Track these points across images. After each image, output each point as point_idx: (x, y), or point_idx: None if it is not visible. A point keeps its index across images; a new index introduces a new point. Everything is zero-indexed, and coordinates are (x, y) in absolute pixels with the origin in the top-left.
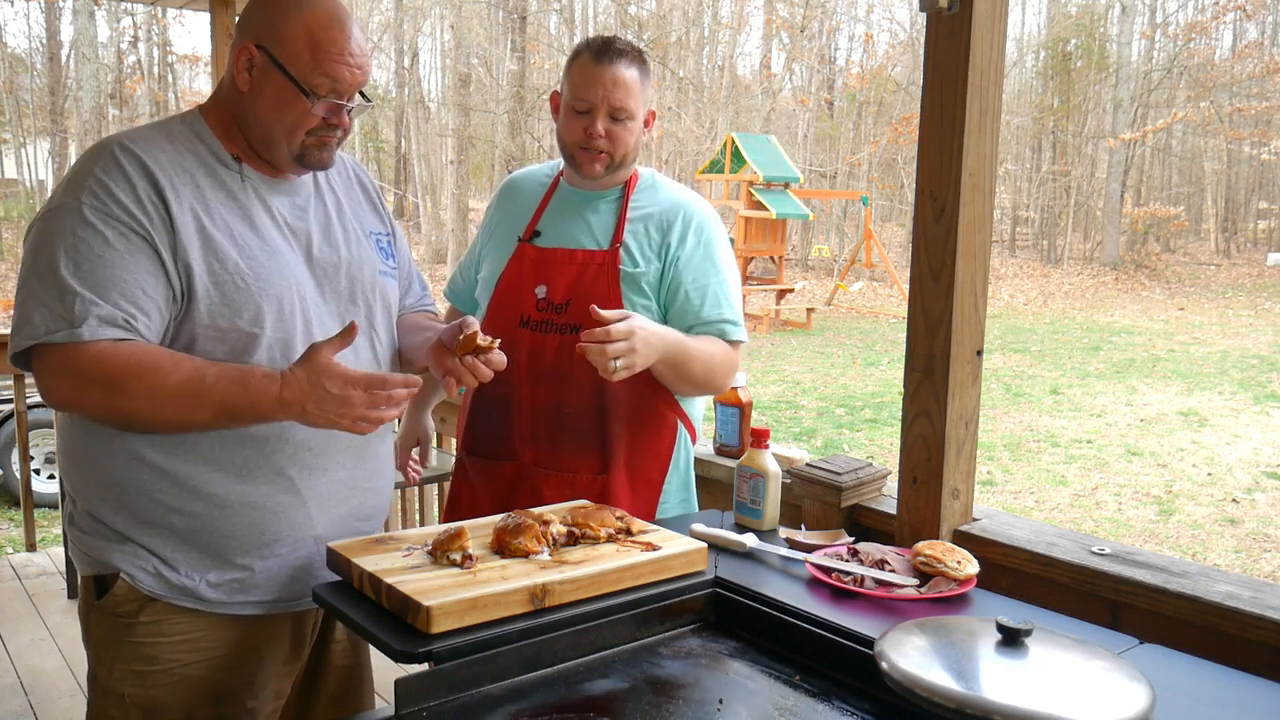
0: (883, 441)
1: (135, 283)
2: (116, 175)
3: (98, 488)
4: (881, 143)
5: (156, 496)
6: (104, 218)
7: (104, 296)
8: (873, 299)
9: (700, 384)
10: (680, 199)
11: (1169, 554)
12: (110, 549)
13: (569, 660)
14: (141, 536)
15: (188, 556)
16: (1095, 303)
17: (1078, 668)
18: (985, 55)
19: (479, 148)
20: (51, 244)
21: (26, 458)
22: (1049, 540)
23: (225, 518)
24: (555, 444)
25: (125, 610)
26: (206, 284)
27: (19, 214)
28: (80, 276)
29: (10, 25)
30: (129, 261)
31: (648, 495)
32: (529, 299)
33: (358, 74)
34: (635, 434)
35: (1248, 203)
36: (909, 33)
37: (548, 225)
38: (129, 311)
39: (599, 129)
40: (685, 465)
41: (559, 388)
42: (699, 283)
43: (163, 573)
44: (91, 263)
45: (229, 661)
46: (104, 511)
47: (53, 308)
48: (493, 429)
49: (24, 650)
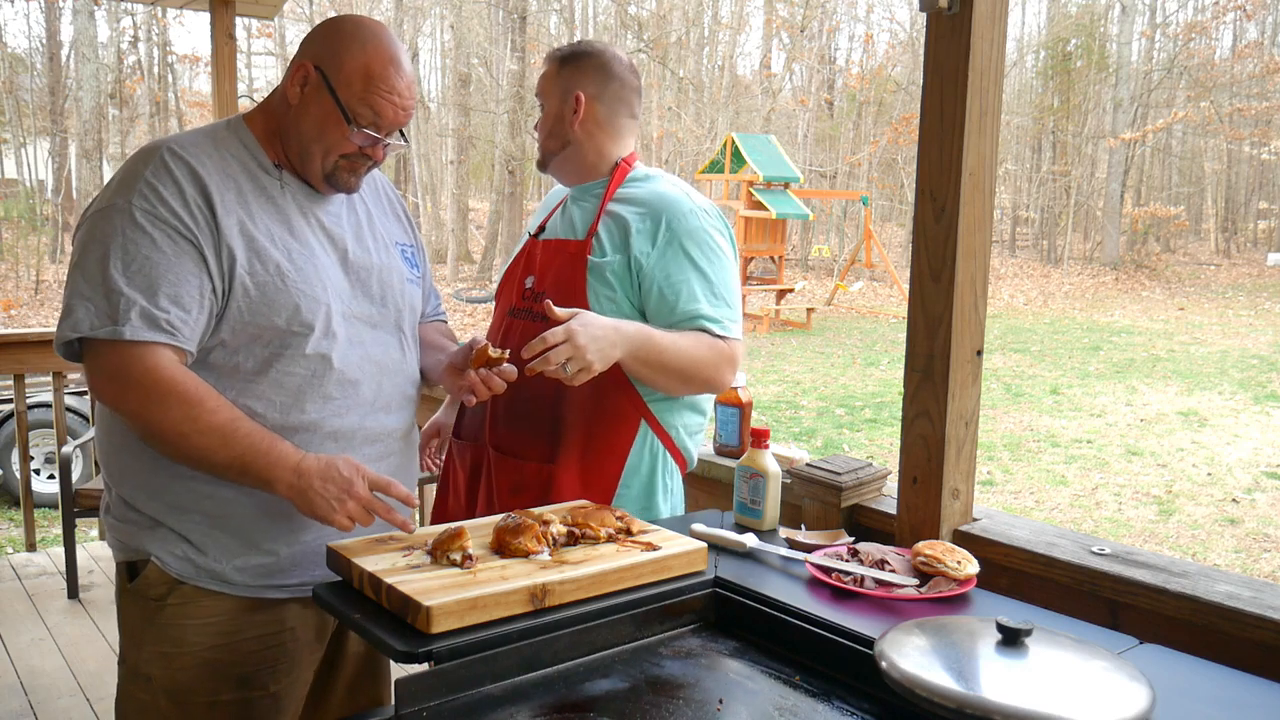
0: (883, 441)
1: (180, 285)
2: (166, 179)
3: (134, 475)
4: (881, 143)
5: (190, 483)
6: (153, 220)
7: (149, 298)
8: (873, 299)
9: (685, 379)
10: (659, 192)
11: (1169, 554)
12: (142, 534)
13: (569, 660)
14: (173, 521)
15: (217, 542)
16: (1095, 303)
17: (1078, 668)
18: (985, 55)
19: (479, 148)
20: (102, 243)
21: (26, 458)
22: (1049, 540)
23: (255, 504)
24: (511, 429)
25: (155, 593)
26: (247, 283)
27: (19, 214)
28: (128, 276)
29: (10, 25)
30: (175, 264)
31: (599, 493)
32: (519, 289)
33: (400, 114)
34: (591, 427)
35: (1248, 203)
36: (909, 33)
37: (553, 221)
38: (172, 313)
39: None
40: (651, 472)
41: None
42: (673, 279)
43: (191, 556)
44: (139, 264)
45: (253, 645)
46: (139, 498)
47: (98, 305)
48: (474, 412)
49: (24, 650)
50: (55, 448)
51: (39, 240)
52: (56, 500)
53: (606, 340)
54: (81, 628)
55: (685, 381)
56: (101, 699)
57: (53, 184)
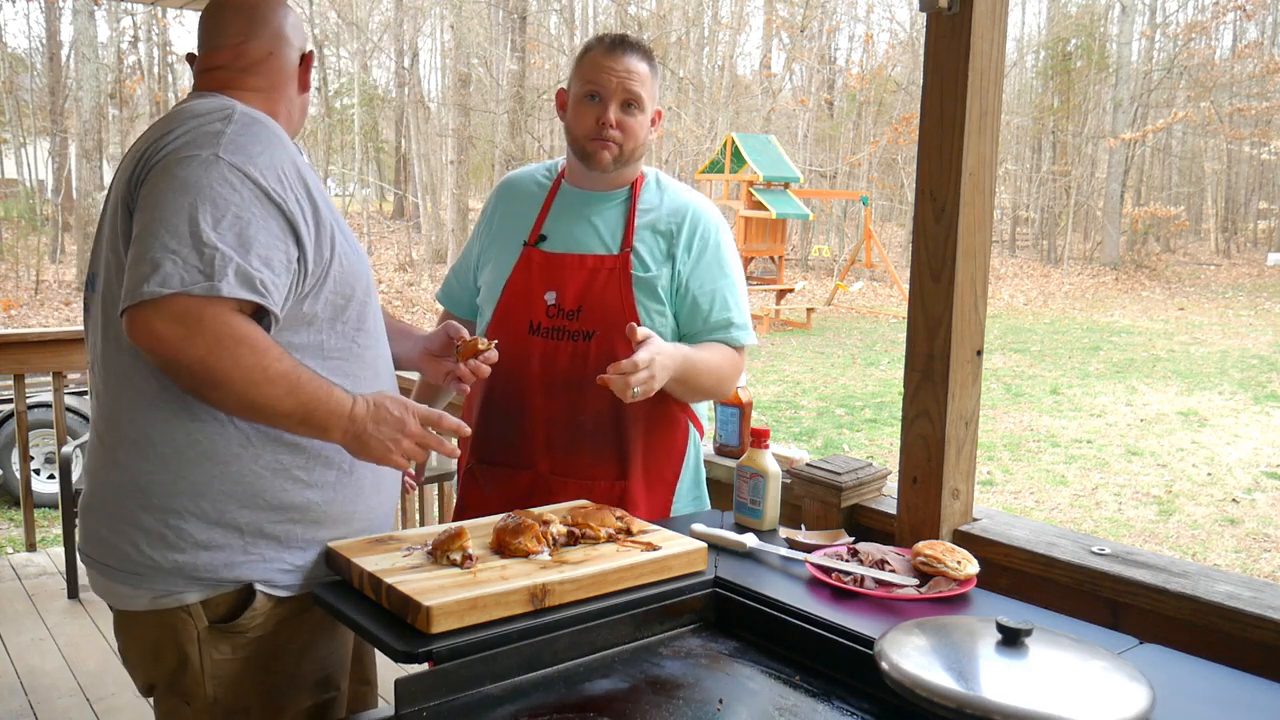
0: (883, 441)
1: (271, 248)
2: (251, 139)
3: (219, 483)
4: (881, 143)
5: (294, 473)
6: (243, 178)
7: (243, 256)
8: (873, 299)
9: (708, 393)
10: (687, 201)
11: (1169, 554)
12: (235, 560)
13: (569, 660)
14: (274, 526)
15: (315, 535)
16: (1095, 303)
17: (1078, 668)
18: (985, 55)
19: (479, 148)
20: (189, 195)
21: (26, 458)
22: (1049, 540)
23: (353, 481)
24: (572, 451)
25: (260, 627)
26: (345, 250)
27: (19, 214)
28: (220, 232)
29: (10, 25)
30: (264, 225)
31: (663, 495)
32: (538, 305)
33: None
34: (650, 438)
35: (1248, 203)
36: (909, 33)
37: (553, 228)
38: (264, 274)
39: (611, 117)
40: (696, 462)
41: (574, 395)
42: (707, 287)
43: (297, 563)
44: (230, 221)
45: (327, 647)
46: (228, 509)
47: (188, 259)
48: (505, 437)
49: (24, 650)
50: (55, 448)
51: (39, 240)
52: (56, 500)
53: (671, 368)
54: (81, 628)
55: (707, 394)
56: (101, 699)
57: (53, 184)
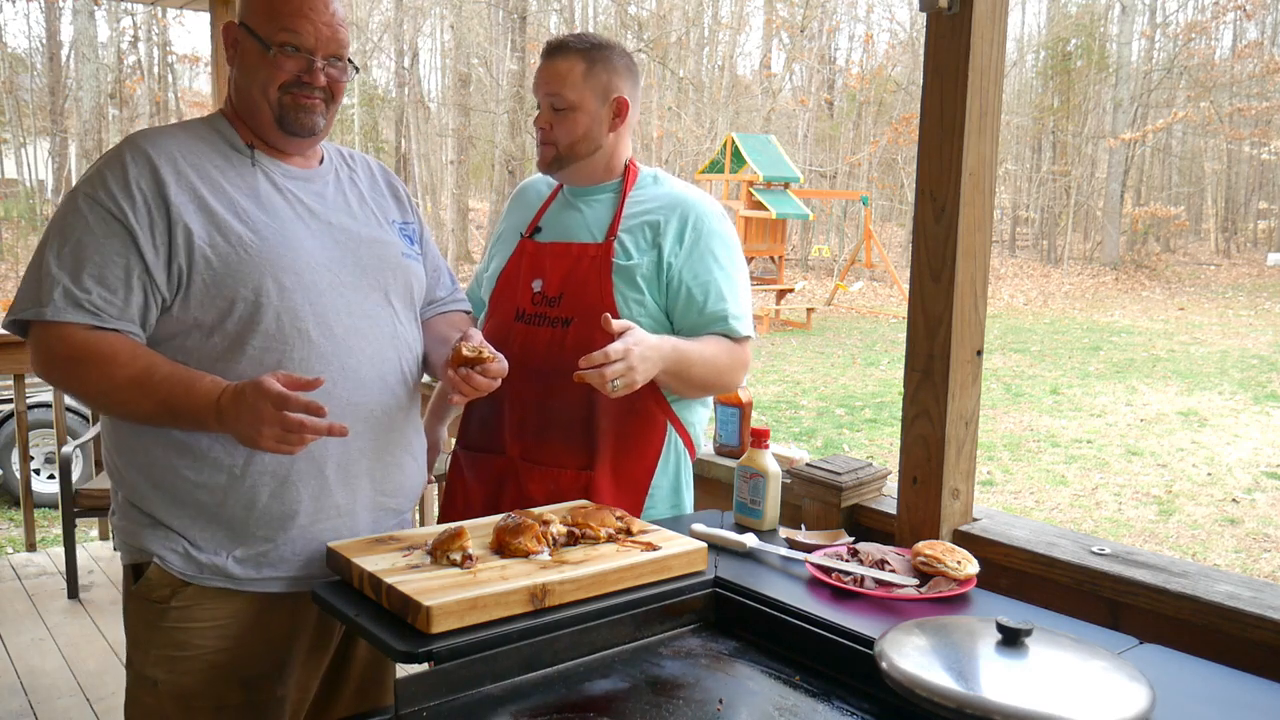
0: (883, 441)
1: (106, 265)
2: (115, 166)
3: (134, 472)
4: (881, 143)
5: (183, 473)
6: (91, 204)
7: (74, 279)
8: (873, 299)
9: (707, 387)
10: (678, 193)
11: (1169, 554)
12: (144, 534)
13: (569, 660)
14: (171, 518)
15: (215, 534)
16: (1095, 303)
17: (1078, 668)
18: (985, 55)
19: (479, 148)
20: (51, 229)
21: (26, 458)
22: (1049, 540)
23: (246, 488)
24: (541, 438)
25: (158, 595)
26: (209, 255)
27: (19, 214)
28: (59, 259)
29: (10, 25)
30: (103, 245)
31: (633, 495)
32: (525, 293)
33: (322, 30)
34: (623, 431)
35: (1248, 203)
36: (909, 33)
37: (548, 222)
38: (95, 293)
39: (543, 121)
40: (676, 469)
41: (548, 381)
42: (700, 278)
43: (191, 553)
44: (71, 246)
45: (258, 647)
46: (140, 494)
47: (31, 286)
48: (484, 422)
49: (24, 650)
50: (55, 448)
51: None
52: (56, 500)
53: (653, 359)
54: (81, 628)
55: (707, 388)
56: (101, 699)
57: (53, 184)
